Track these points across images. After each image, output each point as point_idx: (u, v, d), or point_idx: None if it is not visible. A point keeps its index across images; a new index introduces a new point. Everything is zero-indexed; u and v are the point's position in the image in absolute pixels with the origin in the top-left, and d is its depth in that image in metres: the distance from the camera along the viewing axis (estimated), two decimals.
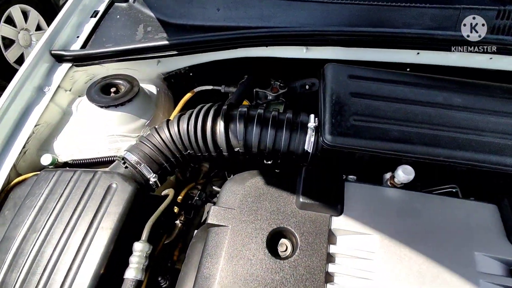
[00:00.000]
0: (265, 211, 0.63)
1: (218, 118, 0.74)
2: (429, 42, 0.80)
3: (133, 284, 0.59)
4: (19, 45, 2.93)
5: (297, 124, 0.73)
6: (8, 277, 0.64)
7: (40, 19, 3.05)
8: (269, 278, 0.57)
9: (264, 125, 0.73)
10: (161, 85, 1.06)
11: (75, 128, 0.92)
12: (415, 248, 0.57)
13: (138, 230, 0.69)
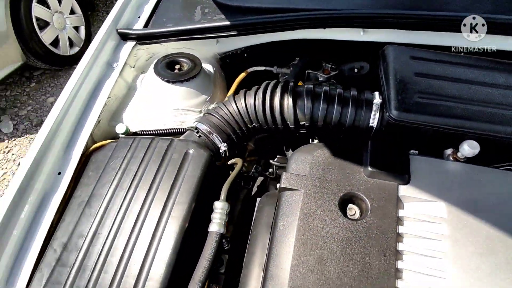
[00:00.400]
0: (334, 178, 0.69)
1: (286, 93, 0.80)
2: (490, 26, 0.83)
3: (217, 236, 0.66)
4: (53, 28, 3.02)
5: (362, 101, 0.78)
6: (100, 228, 0.72)
7: (73, 3, 3.14)
8: (343, 235, 0.63)
9: (331, 101, 0.78)
10: (216, 64, 1.12)
11: (141, 101, 0.99)
12: (483, 216, 0.62)
13: (212, 194, 0.76)
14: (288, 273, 0.61)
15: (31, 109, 3.01)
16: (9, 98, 3.14)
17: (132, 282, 0.65)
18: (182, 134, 0.87)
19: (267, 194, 0.80)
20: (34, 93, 3.13)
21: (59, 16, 3.03)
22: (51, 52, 3.03)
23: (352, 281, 0.59)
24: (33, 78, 3.26)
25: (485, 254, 0.59)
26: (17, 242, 0.74)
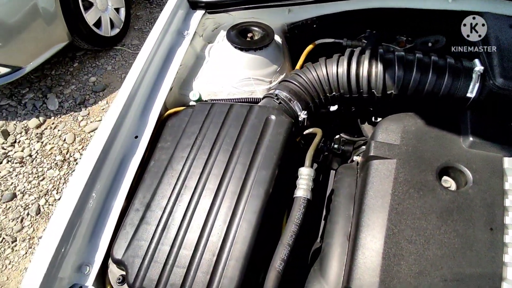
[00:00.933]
0: (430, 148, 0.66)
1: (374, 60, 0.77)
2: None
3: (304, 202, 0.66)
4: (97, 9, 3.10)
5: (460, 69, 0.73)
6: (183, 189, 0.73)
7: None
8: (443, 206, 0.60)
9: (425, 69, 0.74)
10: (282, 36, 1.10)
11: (210, 70, 0.99)
12: None
13: (291, 163, 0.75)
14: (383, 242, 0.59)
15: (74, 88, 3.13)
16: (54, 77, 3.27)
17: (219, 242, 0.66)
18: (256, 104, 0.86)
19: (344, 166, 0.79)
20: (77, 72, 3.25)
21: None
22: (94, 32, 3.12)
23: (455, 253, 0.57)
24: (75, 58, 3.38)
25: None
26: (98, 201, 0.77)
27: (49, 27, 2.78)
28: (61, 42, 2.91)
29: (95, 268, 0.72)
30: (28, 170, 2.75)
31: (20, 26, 2.64)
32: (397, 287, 0.56)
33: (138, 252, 0.68)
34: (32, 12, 2.66)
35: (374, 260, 0.58)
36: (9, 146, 2.91)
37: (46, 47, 2.87)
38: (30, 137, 2.96)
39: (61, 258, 0.71)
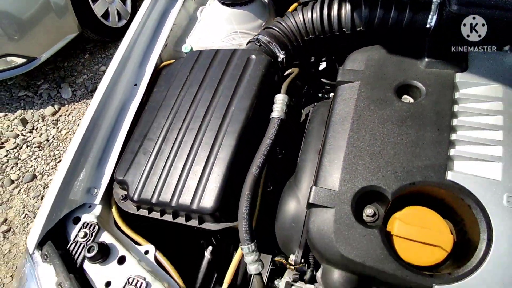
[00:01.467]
0: (391, 70, 0.75)
1: (343, 2, 0.86)
2: None
3: (278, 121, 0.75)
4: (104, 1, 3.26)
5: (420, 3, 0.81)
6: (175, 121, 0.84)
7: None
8: (399, 116, 0.69)
9: (388, 6, 0.83)
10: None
11: (202, 29, 1.10)
12: None
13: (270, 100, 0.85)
14: (345, 147, 0.68)
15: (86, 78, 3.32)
16: (66, 68, 3.46)
17: (205, 156, 0.76)
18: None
19: (322, 101, 0.88)
20: (88, 63, 3.43)
21: None
22: (102, 23, 3.28)
23: (406, 150, 0.65)
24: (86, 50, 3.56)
25: None
26: (104, 136, 0.90)
27: (60, 20, 2.95)
28: (72, 33, 3.09)
29: (101, 190, 0.85)
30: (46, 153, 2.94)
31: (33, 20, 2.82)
32: (355, 181, 0.65)
33: (137, 172, 0.80)
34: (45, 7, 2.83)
35: (337, 162, 0.68)
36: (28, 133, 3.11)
37: (58, 38, 3.04)
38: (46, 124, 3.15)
39: (72, 183, 0.84)
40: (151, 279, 0.71)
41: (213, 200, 0.72)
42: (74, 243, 0.78)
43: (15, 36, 2.80)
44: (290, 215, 0.77)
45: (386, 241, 0.62)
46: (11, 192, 2.72)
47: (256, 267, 0.70)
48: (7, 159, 2.94)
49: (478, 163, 0.63)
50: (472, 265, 0.58)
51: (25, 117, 3.18)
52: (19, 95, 3.35)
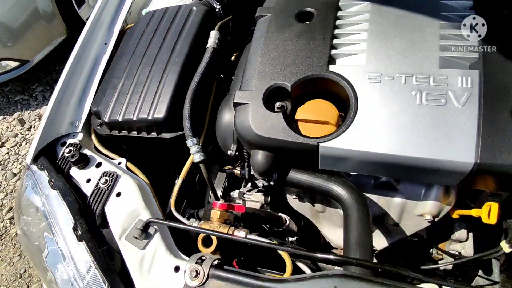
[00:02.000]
0: (293, 5, 0.99)
1: None
2: None
3: (211, 50, 0.99)
4: (89, 5, 3.53)
5: None
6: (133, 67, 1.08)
7: None
8: (296, 33, 0.92)
9: None
10: None
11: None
12: (398, 9, 0.87)
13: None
14: (259, 61, 0.92)
15: None
16: (58, 71, 3.73)
17: (155, 86, 1.00)
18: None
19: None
20: None
21: None
22: None
23: (301, 54, 0.89)
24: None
25: (399, 35, 0.85)
26: (83, 81, 1.14)
27: (49, 25, 3.23)
28: (60, 36, 3.36)
29: (82, 121, 1.09)
30: None
31: (24, 27, 3.09)
32: (264, 82, 0.88)
33: (107, 102, 1.04)
34: (34, 14, 3.10)
35: (253, 72, 0.91)
36: (26, 131, 3.36)
37: (48, 42, 3.32)
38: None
39: (58, 117, 1.08)
40: (121, 173, 0.94)
41: (164, 110, 0.95)
42: (61, 158, 1.01)
43: (8, 42, 3.07)
44: (225, 120, 1.00)
45: (288, 121, 0.85)
46: (14, 184, 2.96)
47: (198, 156, 0.93)
48: (9, 156, 3.19)
49: (349, 58, 0.86)
50: (345, 126, 0.81)
51: (22, 117, 3.43)
52: (15, 99, 3.61)
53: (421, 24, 0.84)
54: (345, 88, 0.83)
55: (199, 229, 0.81)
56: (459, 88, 0.75)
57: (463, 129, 0.72)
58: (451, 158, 0.72)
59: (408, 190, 0.97)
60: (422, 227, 1.03)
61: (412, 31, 0.84)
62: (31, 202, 0.93)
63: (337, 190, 0.87)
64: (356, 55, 0.86)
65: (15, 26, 3.00)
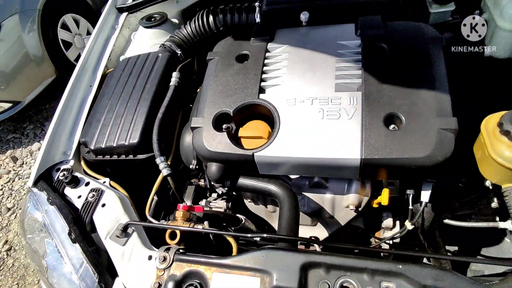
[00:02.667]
0: (233, 48, 1.31)
1: (209, 13, 1.44)
2: None
3: (173, 87, 1.30)
4: (76, 47, 3.90)
5: (250, 8, 1.39)
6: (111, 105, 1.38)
7: (88, 26, 4.02)
8: (236, 71, 1.23)
9: (231, 12, 1.41)
10: (180, 18, 1.80)
11: (134, 46, 1.68)
12: (309, 50, 1.20)
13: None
14: (209, 91, 1.22)
15: None
16: (48, 109, 4.02)
17: (130, 118, 1.29)
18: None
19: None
20: None
21: (78, 37, 3.90)
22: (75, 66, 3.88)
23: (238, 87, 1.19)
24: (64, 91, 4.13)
25: (309, 69, 1.16)
26: (73, 117, 1.43)
27: (39, 67, 3.55)
28: (50, 77, 3.68)
29: (73, 150, 1.36)
30: None
31: (16, 71, 3.41)
32: (213, 110, 1.18)
33: (93, 133, 1.33)
34: (25, 59, 3.43)
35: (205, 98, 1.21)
36: (18, 167, 3.60)
37: (38, 83, 3.63)
38: (34, 157, 3.65)
39: (53, 148, 1.35)
40: (105, 189, 1.21)
41: (137, 136, 1.24)
42: (57, 181, 1.28)
43: (1, 86, 3.37)
44: (186, 141, 1.29)
45: (232, 138, 1.14)
46: (9, 218, 3.17)
47: (166, 170, 1.21)
48: (2, 192, 3.41)
49: (274, 88, 1.17)
50: (271, 139, 1.10)
51: (15, 155, 3.68)
52: (7, 138, 3.87)
53: (323, 60, 1.16)
54: (271, 111, 1.13)
55: (165, 226, 1.07)
56: (349, 105, 1.06)
57: (352, 135, 1.02)
58: (345, 156, 1.01)
59: (335, 186, 1.25)
60: (351, 217, 1.30)
61: (317, 65, 1.16)
62: (33, 217, 1.18)
63: (274, 189, 1.14)
64: (279, 85, 1.17)
65: (8, 70, 3.31)
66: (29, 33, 3.30)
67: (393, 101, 1.04)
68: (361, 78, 1.09)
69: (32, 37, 3.32)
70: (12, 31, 3.23)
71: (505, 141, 0.95)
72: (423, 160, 0.96)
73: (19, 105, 3.52)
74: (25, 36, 3.28)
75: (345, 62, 1.14)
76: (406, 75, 1.09)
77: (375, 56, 1.14)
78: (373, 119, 1.02)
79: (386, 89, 1.06)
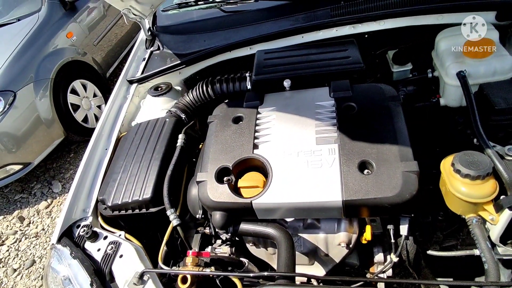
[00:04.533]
0: (230, 111, 1.57)
1: (208, 83, 1.73)
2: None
3: (179, 148, 1.53)
4: (83, 109, 4.23)
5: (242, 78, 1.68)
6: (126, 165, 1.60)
7: (95, 89, 4.40)
8: (232, 132, 1.48)
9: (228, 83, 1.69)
10: (183, 86, 2.09)
11: (144, 112, 1.95)
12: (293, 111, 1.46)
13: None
14: (210, 151, 1.45)
15: (73, 172, 4.07)
16: (55, 168, 4.24)
17: (143, 176, 1.51)
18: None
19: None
20: (74, 160, 4.23)
21: (86, 100, 4.25)
22: (83, 127, 4.19)
23: (236, 145, 1.42)
24: (71, 150, 4.39)
25: (294, 127, 1.41)
26: (91, 178, 1.64)
27: (48, 129, 3.83)
28: (59, 138, 3.95)
29: (91, 208, 1.56)
30: (42, 240, 3.51)
31: (27, 134, 3.67)
32: (215, 165, 1.40)
33: (110, 191, 1.53)
34: (36, 122, 3.70)
35: (208, 155, 1.43)
36: (25, 227, 3.73)
37: (48, 144, 3.88)
38: (41, 216, 3.79)
39: (74, 207, 1.55)
40: (122, 241, 1.38)
41: (150, 192, 1.44)
42: (78, 236, 1.45)
43: (13, 149, 3.61)
44: (192, 193, 1.49)
45: (232, 189, 1.34)
46: (15, 279, 3.23)
47: (176, 221, 1.39)
48: (9, 253, 3.50)
49: (266, 143, 1.41)
50: (267, 187, 1.30)
51: (22, 215, 3.83)
52: (15, 199, 4.04)
53: (305, 118, 1.42)
54: (264, 163, 1.35)
55: (177, 271, 1.24)
56: (328, 156, 1.28)
57: (333, 181, 1.23)
58: (329, 200, 1.21)
59: (326, 226, 1.43)
60: (344, 254, 1.46)
61: (300, 123, 1.41)
62: (57, 271, 1.34)
63: (272, 231, 1.32)
64: (269, 142, 1.41)
65: (19, 133, 3.57)
66: (41, 99, 3.62)
67: (364, 150, 1.27)
68: (337, 132, 1.33)
69: (44, 103, 3.63)
70: (26, 98, 3.54)
71: (459, 178, 1.16)
72: (393, 199, 1.16)
73: (29, 167, 3.73)
74: (37, 102, 3.59)
75: (323, 119, 1.39)
76: (373, 127, 1.33)
77: (346, 113, 1.39)
78: (349, 166, 1.24)
79: (358, 140, 1.30)
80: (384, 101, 1.40)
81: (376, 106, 1.36)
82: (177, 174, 1.53)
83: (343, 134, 1.32)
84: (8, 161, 3.58)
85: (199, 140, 1.77)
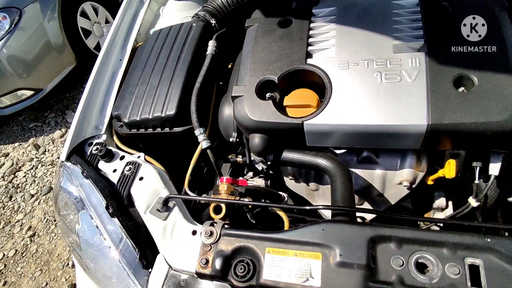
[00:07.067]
0: (273, 13, 1.20)
1: None
2: None
3: (210, 56, 1.20)
4: (95, 36, 3.83)
5: None
6: (145, 76, 1.29)
7: (107, 14, 3.96)
8: (279, 37, 1.13)
9: None
10: None
11: (164, 21, 1.58)
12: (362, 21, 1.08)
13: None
14: (250, 60, 1.12)
15: None
16: (68, 98, 3.98)
17: (166, 89, 1.20)
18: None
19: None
20: None
21: (97, 26, 3.84)
22: (95, 55, 3.83)
23: (284, 53, 1.08)
24: (84, 81, 4.09)
25: (361, 31, 1.05)
26: (103, 91, 1.35)
27: (60, 56, 3.51)
28: (70, 65, 3.64)
29: (105, 125, 1.28)
30: None
31: (37, 59, 3.37)
32: (255, 78, 1.07)
33: (126, 106, 1.24)
34: (46, 47, 3.38)
35: (246, 69, 1.11)
36: (41, 155, 3.57)
37: (59, 71, 3.59)
38: (56, 145, 3.61)
39: (85, 123, 1.28)
40: (142, 163, 1.13)
41: (174, 107, 1.15)
42: (90, 155, 1.20)
43: (23, 74, 3.34)
44: (226, 113, 1.19)
45: (277, 107, 1.04)
46: (32, 204, 3.14)
47: (206, 142, 1.12)
48: (26, 179, 3.39)
49: (323, 52, 1.06)
50: (323, 105, 0.99)
51: (37, 142, 3.66)
52: (29, 127, 3.85)
53: (378, 20, 1.05)
54: (321, 76, 1.02)
55: (210, 199, 0.98)
56: (410, 67, 0.94)
57: (416, 98, 0.91)
58: (408, 123, 0.90)
59: (386, 161, 1.14)
60: (403, 194, 1.19)
61: (370, 26, 1.04)
62: (67, 191, 1.11)
63: (323, 162, 1.04)
64: (328, 49, 1.06)
65: (29, 58, 3.27)
66: (49, 21, 3.26)
67: (461, 62, 0.92)
68: (423, 38, 0.98)
69: (53, 25, 3.28)
70: (33, 19, 3.19)
71: None
72: (501, 125, 0.84)
73: (41, 93, 3.49)
74: (46, 24, 3.24)
75: (403, 22, 1.02)
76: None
77: (436, 15, 1.02)
78: (440, 80, 0.91)
79: (452, 49, 0.94)
80: (486, 3, 1.01)
81: (476, 9, 0.98)
82: (207, 88, 1.22)
83: (432, 41, 0.96)
84: (18, 85, 3.34)
85: (228, 57, 1.42)
